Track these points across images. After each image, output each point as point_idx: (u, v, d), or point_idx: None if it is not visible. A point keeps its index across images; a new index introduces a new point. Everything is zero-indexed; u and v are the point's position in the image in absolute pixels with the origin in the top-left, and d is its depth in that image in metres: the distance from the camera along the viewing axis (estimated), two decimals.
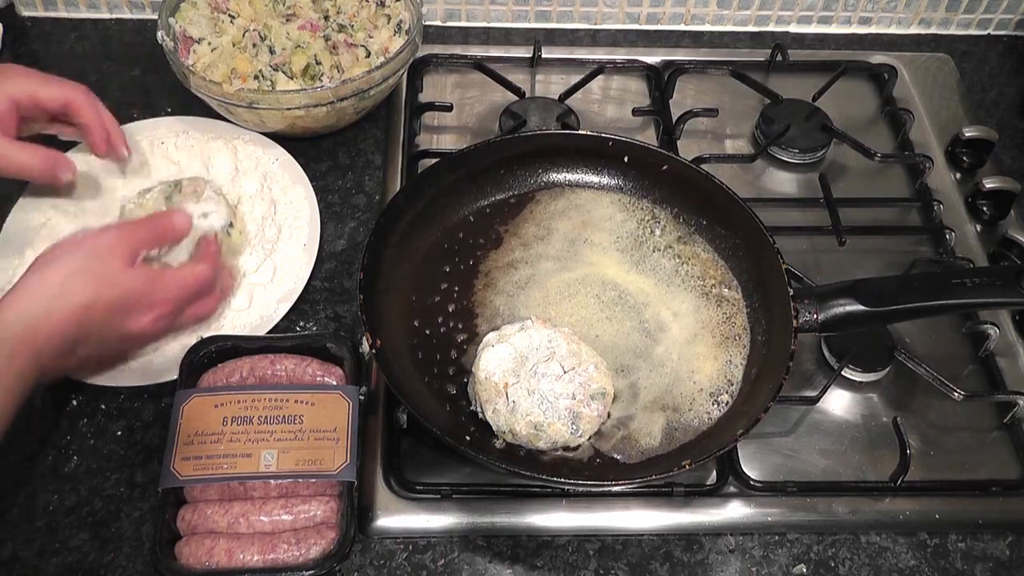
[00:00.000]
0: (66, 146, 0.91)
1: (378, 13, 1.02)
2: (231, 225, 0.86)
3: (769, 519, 0.78)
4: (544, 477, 0.71)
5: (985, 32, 1.20)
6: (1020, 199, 0.98)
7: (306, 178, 0.95)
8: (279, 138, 0.97)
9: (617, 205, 0.90)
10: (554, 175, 0.91)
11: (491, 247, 0.87)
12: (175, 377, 0.78)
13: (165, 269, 0.77)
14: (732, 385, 0.79)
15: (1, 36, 1.09)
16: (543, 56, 1.10)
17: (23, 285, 0.69)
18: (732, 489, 0.79)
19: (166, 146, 0.96)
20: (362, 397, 0.77)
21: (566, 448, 0.75)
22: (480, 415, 0.75)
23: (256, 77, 0.95)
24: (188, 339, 0.81)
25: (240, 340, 0.81)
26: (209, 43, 0.98)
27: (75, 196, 0.90)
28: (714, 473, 0.80)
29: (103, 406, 0.81)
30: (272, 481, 0.72)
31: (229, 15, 0.99)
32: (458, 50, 1.11)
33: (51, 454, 0.79)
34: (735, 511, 0.78)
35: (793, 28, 1.18)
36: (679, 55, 1.12)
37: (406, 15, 1.02)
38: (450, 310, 0.83)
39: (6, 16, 1.12)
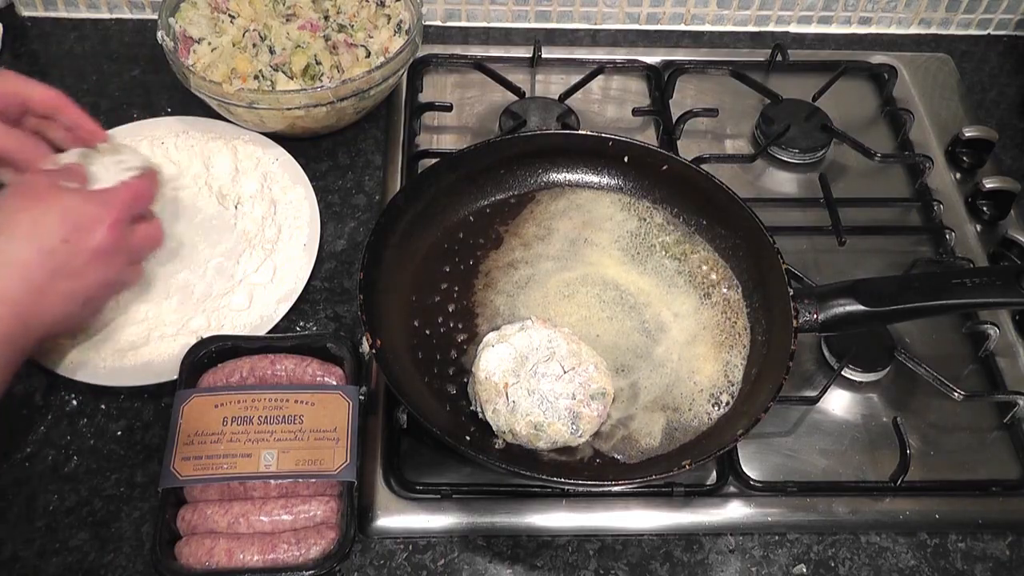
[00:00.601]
0: None
1: (378, 13, 1.02)
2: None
3: (769, 519, 0.78)
4: (544, 477, 0.71)
5: (985, 32, 1.20)
6: (1020, 199, 0.98)
7: (306, 178, 0.95)
8: (279, 138, 0.97)
9: (617, 205, 0.90)
10: (554, 175, 0.91)
11: (491, 247, 0.87)
12: (175, 377, 0.78)
13: (92, 189, 0.76)
14: (732, 385, 0.79)
15: (1, 36, 1.09)
16: (543, 56, 1.10)
17: None
18: (732, 489, 0.79)
19: (166, 146, 0.96)
20: (362, 397, 0.77)
21: (566, 448, 0.75)
22: (480, 415, 0.75)
23: (256, 77, 0.95)
24: (188, 339, 0.81)
25: (240, 340, 0.81)
26: (209, 43, 0.98)
27: None
28: (714, 473, 0.80)
29: (103, 406, 0.81)
30: (272, 481, 0.72)
31: (229, 15, 0.99)
32: (458, 50, 1.11)
33: (51, 454, 0.79)
34: (735, 511, 0.78)
35: (793, 28, 1.18)
36: (679, 55, 1.12)
37: (406, 15, 1.02)
38: (450, 310, 0.83)
39: (6, 16, 1.12)
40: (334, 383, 0.78)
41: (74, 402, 0.81)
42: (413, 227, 0.85)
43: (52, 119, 0.82)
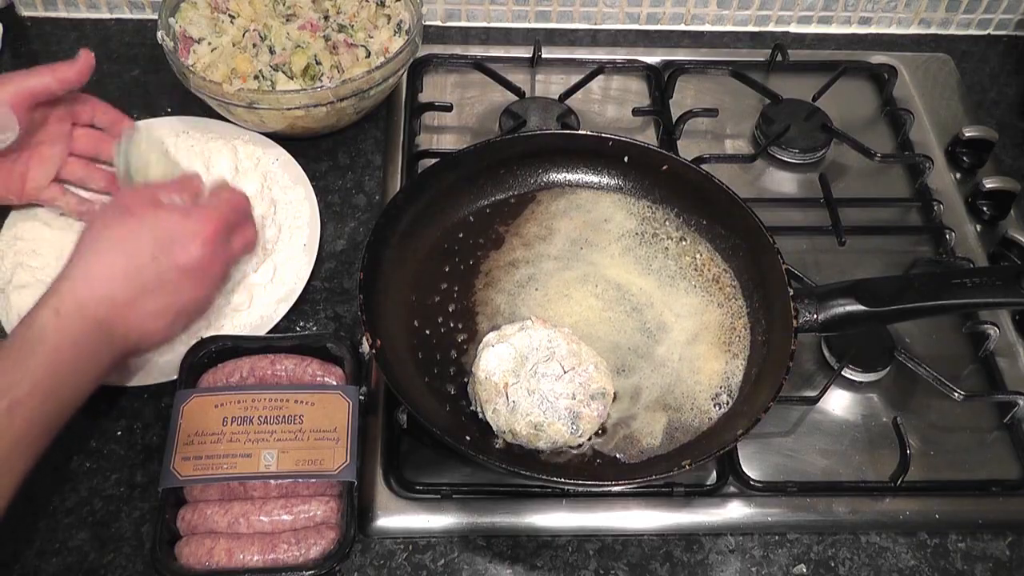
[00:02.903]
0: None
1: (378, 13, 1.02)
2: None
3: (769, 519, 0.78)
4: (544, 477, 0.71)
5: (985, 32, 1.20)
6: (1020, 199, 0.98)
7: (306, 178, 0.95)
8: (279, 138, 0.97)
9: (617, 205, 0.90)
10: (554, 175, 0.91)
11: (492, 247, 0.87)
12: (175, 377, 0.78)
13: (196, 203, 0.76)
14: (732, 385, 0.79)
15: (1, 36, 1.09)
16: (543, 56, 1.10)
17: (70, 258, 0.70)
18: (732, 489, 0.79)
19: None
20: (362, 397, 0.77)
21: (566, 448, 0.75)
22: (480, 415, 0.75)
23: (256, 77, 0.95)
24: (188, 339, 0.81)
25: (240, 340, 0.81)
26: (209, 43, 0.98)
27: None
28: (714, 473, 0.80)
29: (103, 406, 0.81)
30: (272, 481, 0.72)
31: (229, 15, 0.99)
32: (458, 50, 1.11)
33: (51, 454, 0.78)
34: (735, 511, 0.78)
35: (793, 28, 1.18)
36: (679, 55, 1.12)
37: (406, 15, 1.02)
38: (450, 310, 0.83)
39: (6, 16, 1.12)
40: (334, 383, 0.78)
41: None
42: (413, 227, 0.85)
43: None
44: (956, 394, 0.82)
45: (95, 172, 0.89)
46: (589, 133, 0.90)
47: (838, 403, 0.85)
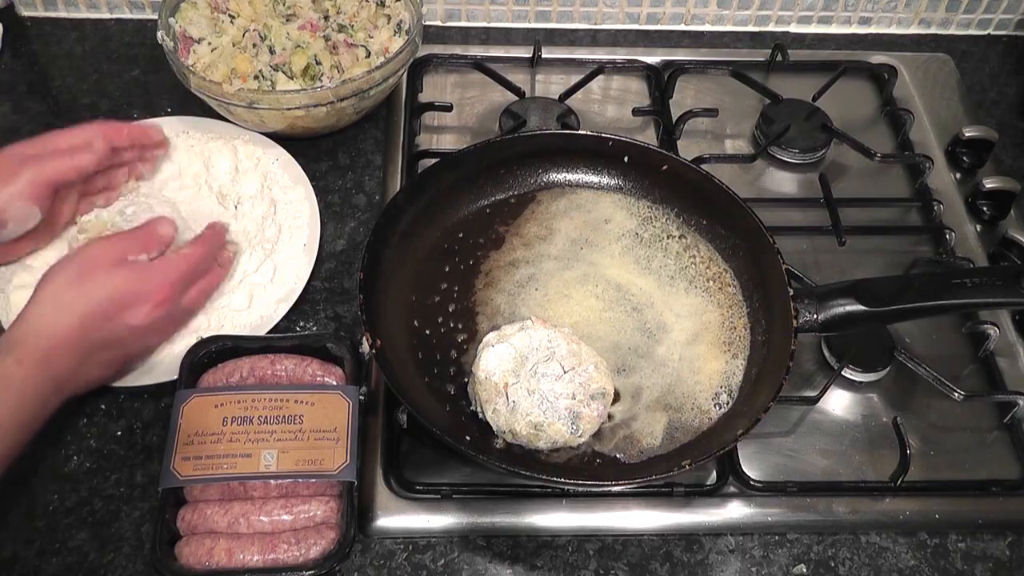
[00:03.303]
0: None
1: (378, 13, 1.02)
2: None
3: (769, 519, 0.78)
4: (544, 477, 0.71)
5: (985, 32, 1.20)
6: (1020, 199, 0.98)
7: (306, 178, 0.95)
8: (279, 138, 0.97)
9: (617, 205, 0.90)
10: (554, 175, 0.91)
11: (492, 247, 0.87)
12: (175, 377, 0.78)
13: (152, 261, 0.78)
14: (732, 385, 0.79)
15: (1, 36, 1.09)
16: (543, 56, 1.10)
17: (28, 305, 0.72)
18: (732, 489, 0.79)
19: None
20: (362, 397, 0.77)
21: (566, 448, 0.75)
22: (480, 415, 0.75)
23: (256, 77, 0.95)
24: (188, 339, 0.81)
25: (240, 340, 0.81)
26: (209, 43, 0.98)
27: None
28: (714, 473, 0.80)
29: (103, 406, 0.81)
30: (272, 481, 0.73)
31: (229, 15, 0.99)
32: (458, 50, 1.11)
33: (51, 454, 0.79)
34: (735, 511, 0.78)
35: (793, 28, 1.18)
36: (679, 55, 1.12)
37: (406, 15, 1.02)
38: (450, 310, 0.83)
39: (6, 16, 1.12)
40: (334, 383, 0.78)
41: (74, 402, 0.81)
42: (413, 227, 0.85)
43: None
44: (956, 394, 0.82)
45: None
46: (589, 133, 0.90)
47: (838, 403, 0.85)
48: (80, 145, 0.82)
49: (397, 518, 0.76)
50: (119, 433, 0.80)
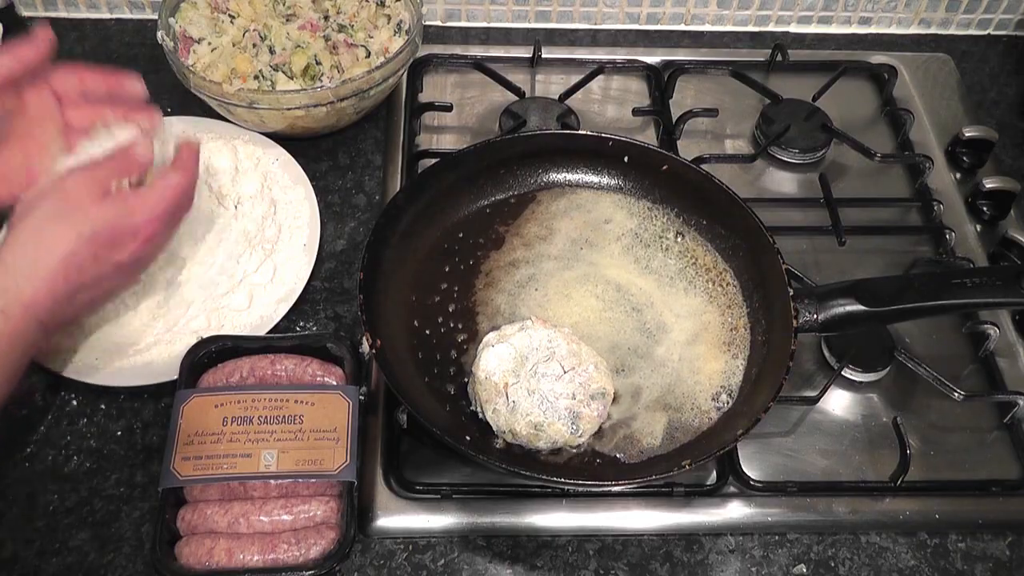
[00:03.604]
0: None
1: (378, 13, 1.02)
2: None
3: (769, 519, 0.78)
4: (544, 477, 0.71)
5: (985, 32, 1.20)
6: (1020, 199, 0.98)
7: (306, 178, 0.95)
8: (279, 138, 0.97)
9: (617, 205, 0.90)
10: (554, 175, 0.91)
11: (492, 247, 0.87)
12: (175, 377, 0.78)
13: (139, 191, 0.73)
14: (732, 385, 0.79)
15: (1, 36, 1.09)
16: (543, 56, 1.10)
17: (6, 246, 0.68)
18: (732, 489, 0.79)
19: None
20: (362, 397, 0.77)
21: (566, 448, 0.75)
22: (480, 415, 0.75)
23: (256, 77, 0.95)
24: (188, 339, 0.81)
25: (240, 340, 0.81)
26: (209, 43, 0.98)
27: None
28: (714, 473, 0.80)
29: (103, 406, 0.81)
30: (272, 481, 0.73)
31: (229, 15, 0.99)
32: (458, 50, 1.11)
33: (51, 454, 0.79)
34: (735, 511, 0.78)
35: (793, 28, 1.18)
36: (679, 55, 1.12)
37: (406, 15, 1.02)
38: (450, 310, 0.83)
39: (6, 16, 1.12)
40: (334, 383, 0.78)
41: (74, 402, 0.81)
42: (413, 227, 0.85)
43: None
44: (956, 394, 0.82)
45: (104, 112, 0.80)
46: (589, 133, 0.90)
47: (838, 403, 0.85)
48: (16, 44, 0.75)
49: (397, 518, 0.76)
50: (119, 433, 0.80)
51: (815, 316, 0.77)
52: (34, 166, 0.75)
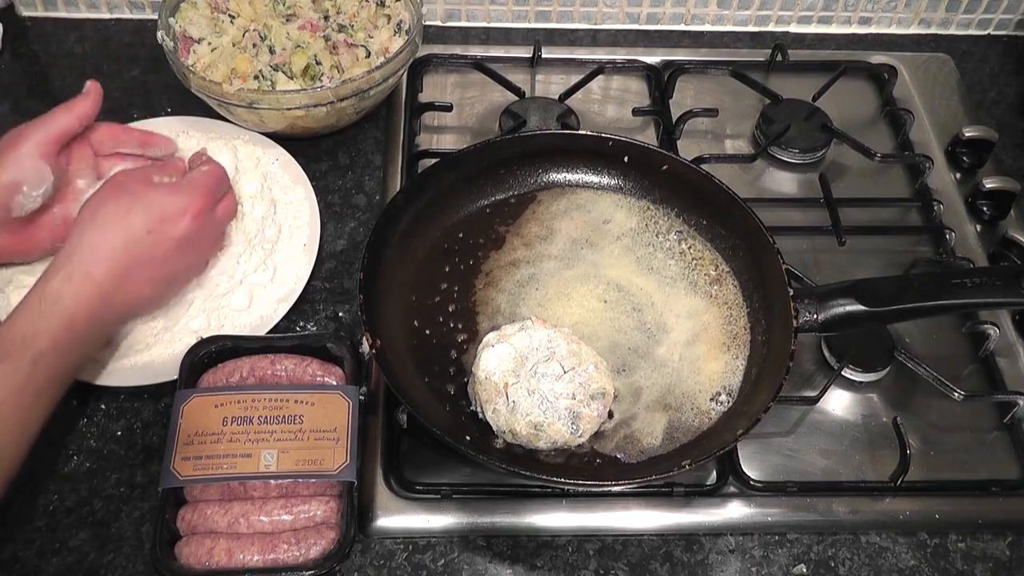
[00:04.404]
0: None
1: (378, 13, 1.02)
2: None
3: (769, 519, 0.78)
4: (544, 477, 0.71)
5: (985, 32, 1.20)
6: (1020, 199, 0.98)
7: (306, 178, 0.95)
8: (279, 138, 0.97)
9: (617, 205, 0.90)
10: (554, 175, 0.91)
11: (492, 247, 0.87)
12: (175, 377, 0.78)
13: (182, 179, 0.81)
14: (732, 385, 0.79)
15: (1, 36, 1.09)
16: (543, 56, 1.10)
17: (71, 231, 0.75)
18: (732, 489, 0.79)
19: None
20: (362, 397, 0.77)
21: (566, 448, 0.75)
22: (480, 415, 0.75)
23: (256, 77, 0.95)
24: (188, 339, 0.81)
25: (240, 340, 0.81)
26: (209, 43, 0.98)
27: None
28: (714, 473, 0.80)
29: (103, 406, 0.81)
30: (272, 481, 0.73)
31: (229, 15, 0.99)
32: (458, 50, 1.11)
33: (51, 454, 0.79)
34: (735, 511, 0.78)
35: (793, 28, 1.18)
36: (679, 55, 1.12)
37: (406, 15, 1.02)
38: (450, 310, 0.83)
39: (6, 16, 1.12)
40: (334, 383, 0.78)
41: (74, 402, 0.81)
42: (413, 227, 0.85)
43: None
44: (956, 394, 0.82)
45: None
46: (589, 133, 0.90)
47: (838, 403, 0.85)
48: (75, 102, 0.82)
49: (397, 518, 0.76)
50: (119, 433, 0.80)
51: (815, 316, 0.77)
52: (71, 215, 0.82)
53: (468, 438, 0.74)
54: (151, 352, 0.82)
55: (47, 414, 0.70)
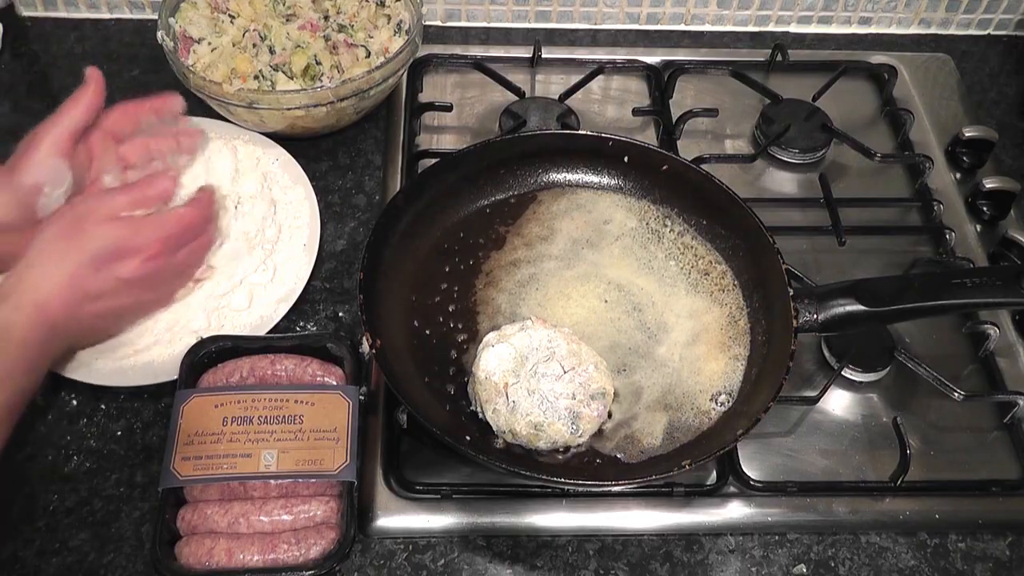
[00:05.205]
0: None
1: (378, 13, 1.02)
2: None
3: (769, 519, 0.78)
4: (544, 477, 0.71)
5: (985, 32, 1.20)
6: (1020, 199, 0.98)
7: (306, 178, 0.95)
8: (279, 138, 0.97)
9: (617, 205, 0.90)
10: (554, 175, 0.91)
11: (493, 247, 0.87)
12: (175, 377, 0.78)
13: (146, 216, 0.78)
14: (732, 385, 0.79)
15: (1, 36, 1.09)
16: (543, 56, 1.09)
17: (22, 259, 0.74)
18: (732, 489, 0.79)
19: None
20: (362, 397, 0.77)
21: (566, 448, 0.75)
22: (480, 415, 0.75)
23: (256, 77, 0.95)
24: (188, 339, 0.81)
25: (240, 340, 0.81)
26: (209, 43, 0.98)
27: None
28: (714, 473, 0.80)
29: (103, 406, 0.81)
30: (272, 481, 0.73)
31: (229, 15, 0.99)
32: (458, 50, 1.11)
33: (51, 454, 0.79)
34: (735, 511, 0.78)
35: (793, 28, 1.18)
36: (679, 55, 1.12)
37: (406, 15, 1.02)
38: (450, 310, 0.83)
39: (6, 16, 1.12)
40: (334, 383, 0.78)
41: (74, 402, 0.81)
42: (413, 227, 0.85)
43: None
44: (956, 394, 0.82)
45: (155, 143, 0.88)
46: (589, 133, 0.90)
47: (838, 403, 0.85)
48: (79, 93, 0.82)
49: (397, 518, 0.76)
50: (119, 433, 0.80)
51: (815, 316, 0.77)
52: None
53: (468, 438, 0.75)
54: (151, 352, 0.82)
55: (5, 437, 0.69)
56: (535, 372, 0.74)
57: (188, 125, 0.92)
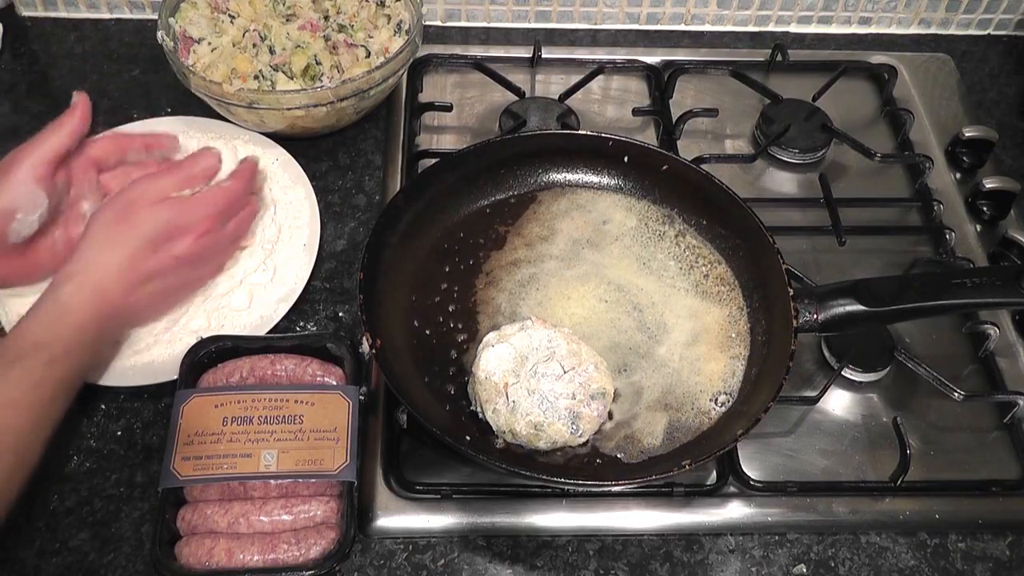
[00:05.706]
0: None
1: (378, 13, 1.02)
2: None
3: (769, 519, 0.78)
4: (544, 477, 0.71)
5: (985, 32, 1.20)
6: (1020, 199, 0.98)
7: (306, 178, 0.95)
8: (279, 138, 0.97)
9: (617, 205, 0.90)
10: (554, 175, 0.91)
11: (493, 247, 0.87)
12: (175, 377, 0.78)
13: (194, 195, 0.81)
14: (732, 385, 0.79)
15: (1, 36, 1.09)
16: (543, 56, 1.10)
17: (79, 245, 0.77)
18: (732, 489, 0.79)
19: None
20: (362, 397, 0.77)
21: (566, 448, 0.75)
22: (480, 415, 0.75)
23: (256, 77, 0.95)
24: (188, 339, 0.81)
25: (240, 340, 0.81)
26: (209, 43, 0.98)
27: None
28: (714, 473, 0.80)
29: (103, 406, 0.81)
30: (272, 481, 0.73)
31: (229, 15, 0.99)
32: (458, 50, 1.11)
33: (51, 454, 0.78)
34: (735, 511, 0.78)
35: (793, 28, 1.18)
36: (679, 55, 1.12)
37: (406, 15, 1.02)
38: (450, 310, 0.83)
39: (6, 16, 1.12)
40: (334, 383, 0.78)
41: (74, 402, 0.81)
42: (413, 227, 0.85)
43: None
44: (956, 394, 0.82)
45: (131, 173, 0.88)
46: (589, 133, 0.90)
47: (838, 403, 0.85)
48: (63, 119, 0.81)
49: (397, 518, 0.76)
50: (119, 433, 0.80)
51: (815, 316, 0.77)
52: (73, 237, 0.82)
53: (468, 438, 0.75)
54: (151, 352, 0.82)
55: (60, 415, 0.71)
56: (535, 372, 0.74)
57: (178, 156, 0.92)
